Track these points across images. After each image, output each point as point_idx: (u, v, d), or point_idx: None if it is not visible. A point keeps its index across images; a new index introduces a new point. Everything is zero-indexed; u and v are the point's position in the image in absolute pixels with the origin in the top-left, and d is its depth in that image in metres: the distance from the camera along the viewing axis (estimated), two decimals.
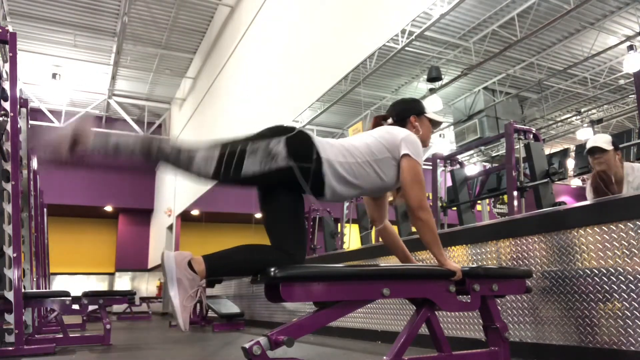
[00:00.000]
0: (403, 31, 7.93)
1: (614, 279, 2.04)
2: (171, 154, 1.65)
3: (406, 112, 2.05)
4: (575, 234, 2.23)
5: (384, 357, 1.73)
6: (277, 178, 1.67)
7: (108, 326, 4.00)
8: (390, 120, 2.06)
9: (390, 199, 2.11)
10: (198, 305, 6.66)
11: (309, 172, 1.69)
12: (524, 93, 11.07)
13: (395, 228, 2.21)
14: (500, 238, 2.63)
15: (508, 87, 10.92)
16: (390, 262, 3.19)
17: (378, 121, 2.09)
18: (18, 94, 3.55)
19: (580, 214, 2.26)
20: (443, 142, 13.06)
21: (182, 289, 1.55)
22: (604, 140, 2.98)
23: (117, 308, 10.80)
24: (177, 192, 11.09)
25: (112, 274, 13.88)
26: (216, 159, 1.64)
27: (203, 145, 1.67)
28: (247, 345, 1.47)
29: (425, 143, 2.03)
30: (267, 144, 1.67)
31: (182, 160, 1.64)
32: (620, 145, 3.87)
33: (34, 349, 3.33)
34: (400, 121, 2.04)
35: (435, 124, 2.11)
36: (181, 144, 1.69)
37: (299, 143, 1.70)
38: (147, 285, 13.73)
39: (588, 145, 3.03)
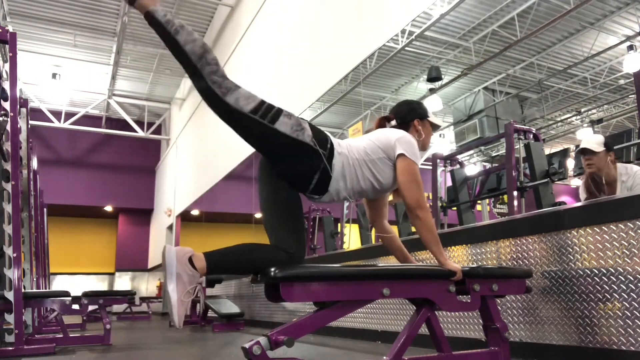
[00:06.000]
0: (403, 31, 7.94)
1: (614, 279, 2.04)
2: (219, 71, 1.64)
3: (410, 115, 2.05)
4: (575, 233, 2.23)
5: (384, 357, 1.73)
6: (297, 152, 1.70)
7: (108, 326, 4.00)
8: (393, 122, 2.06)
9: (391, 198, 2.11)
10: (197, 305, 6.66)
11: (330, 159, 1.73)
12: (524, 93, 11.07)
13: (395, 228, 2.22)
14: (500, 238, 2.63)
15: (508, 87, 10.92)
16: (390, 262, 3.19)
17: (382, 122, 2.08)
18: (18, 94, 3.55)
19: (580, 214, 2.25)
20: (443, 142, 13.06)
21: (180, 284, 1.55)
22: (595, 141, 2.97)
23: (117, 308, 10.79)
24: (177, 192, 11.09)
25: (112, 274, 13.88)
26: (257, 102, 1.67)
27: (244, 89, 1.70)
28: (247, 345, 1.47)
29: (425, 146, 2.06)
30: (297, 118, 1.73)
31: (226, 85, 1.64)
32: (620, 145, 3.88)
33: (34, 349, 3.33)
34: (404, 124, 2.04)
35: (435, 127, 2.12)
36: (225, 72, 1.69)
37: (318, 131, 1.76)
38: (147, 285, 13.73)
39: (580, 146, 3.03)
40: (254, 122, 1.66)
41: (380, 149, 1.84)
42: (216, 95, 1.63)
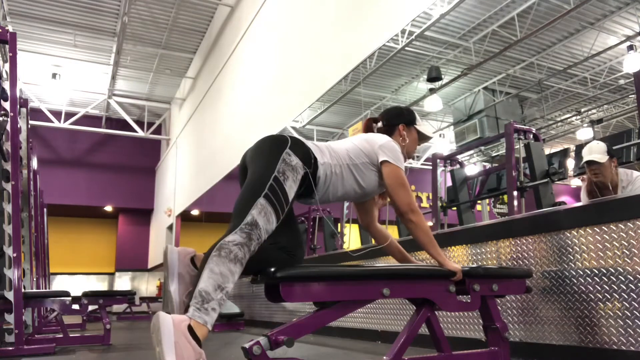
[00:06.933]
0: (403, 31, 7.95)
1: (614, 279, 2.04)
2: (248, 248, 1.54)
3: (396, 119, 2.08)
4: (575, 234, 2.23)
5: (384, 357, 1.73)
6: (301, 186, 1.72)
7: (108, 326, 4.00)
8: (380, 124, 2.10)
9: (381, 202, 2.13)
10: None
11: (315, 177, 1.74)
12: (524, 93, 11.07)
13: (395, 228, 2.22)
14: (500, 238, 2.63)
15: (508, 87, 10.92)
16: (390, 262, 3.19)
17: (369, 124, 2.13)
18: (18, 94, 3.55)
19: (580, 214, 2.25)
20: (443, 142, 13.06)
21: (182, 284, 1.56)
22: (598, 151, 3.04)
23: (117, 308, 10.79)
24: (177, 192, 11.09)
25: (112, 274, 13.88)
26: (270, 207, 1.58)
27: (250, 213, 1.55)
28: (247, 345, 1.47)
29: (409, 154, 2.07)
30: (285, 161, 1.66)
31: (256, 241, 1.55)
32: (620, 145, 3.90)
33: (34, 349, 3.33)
34: (389, 127, 2.07)
35: (423, 138, 2.13)
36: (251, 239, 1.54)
37: (301, 150, 1.73)
38: (147, 285, 13.73)
39: (584, 157, 3.10)
40: (284, 218, 1.64)
41: (364, 153, 1.86)
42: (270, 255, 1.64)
